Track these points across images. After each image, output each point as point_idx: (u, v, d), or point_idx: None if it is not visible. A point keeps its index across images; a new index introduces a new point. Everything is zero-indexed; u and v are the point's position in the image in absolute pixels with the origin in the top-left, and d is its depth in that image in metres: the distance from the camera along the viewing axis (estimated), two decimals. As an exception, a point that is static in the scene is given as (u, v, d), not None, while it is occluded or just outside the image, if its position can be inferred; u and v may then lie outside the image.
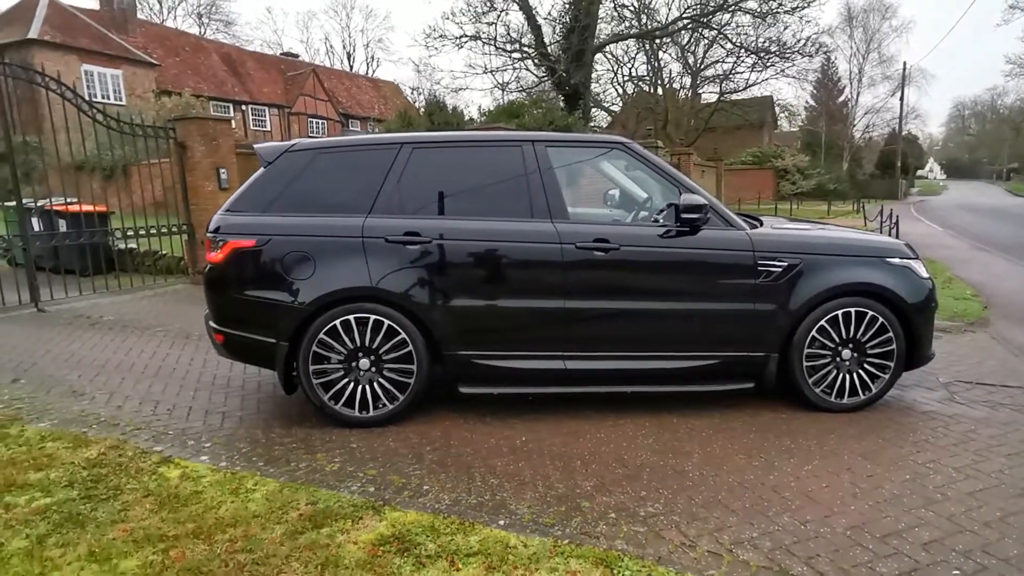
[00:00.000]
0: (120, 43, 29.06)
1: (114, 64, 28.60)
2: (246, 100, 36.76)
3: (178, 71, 33.29)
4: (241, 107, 36.36)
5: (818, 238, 4.01)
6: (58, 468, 3.20)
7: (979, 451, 3.40)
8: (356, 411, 3.79)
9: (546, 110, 12.98)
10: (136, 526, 2.62)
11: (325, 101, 41.27)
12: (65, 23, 27.53)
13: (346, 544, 2.47)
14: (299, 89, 39.63)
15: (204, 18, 50.44)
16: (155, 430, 3.80)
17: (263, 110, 37.92)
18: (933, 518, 2.74)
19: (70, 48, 26.85)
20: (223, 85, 35.85)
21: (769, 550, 2.51)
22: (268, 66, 40.63)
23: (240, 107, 36.26)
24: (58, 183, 12.40)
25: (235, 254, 3.76)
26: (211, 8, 51.23)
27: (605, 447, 3.51)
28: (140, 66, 29.77)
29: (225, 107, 35.02)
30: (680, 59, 30.63)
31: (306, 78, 40.12)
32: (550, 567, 2.33)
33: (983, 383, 4.52)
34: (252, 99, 37.20)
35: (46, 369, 5.14)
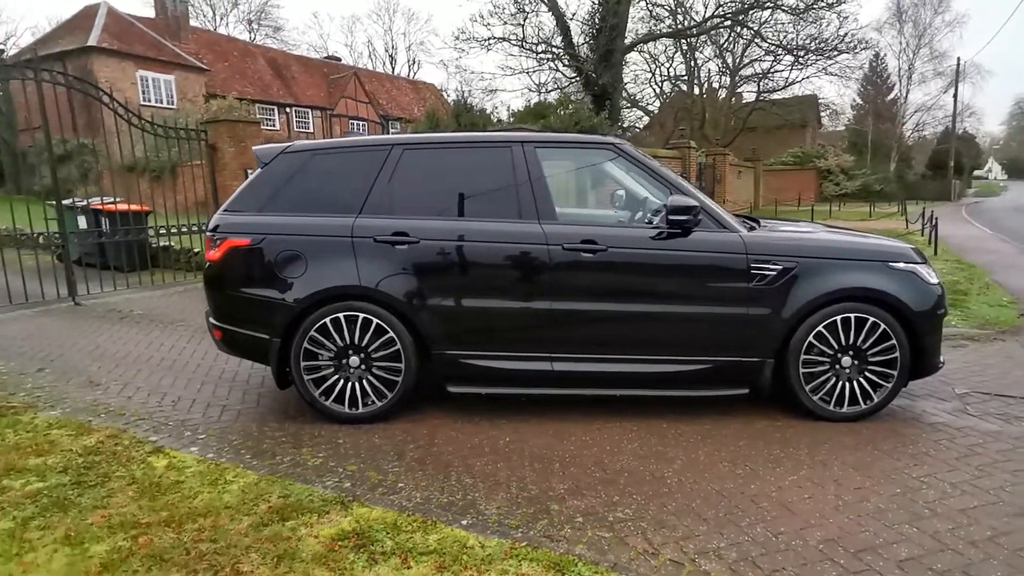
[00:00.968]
0: (173, 49, 30.23)
1: (167, 70, 29.82)
2: (290, 103, 37.73)
3: (227, 75, 34.43)
4: (285, 109, 37.34)
5: (815, 241, 3.88)
6: (57, 454, 3.34)
7: (982, 466, 3.24)
8: (346, 407, 3.84)
9: (573, 111, 12.91)
10: (114, 512, 2.71)
11: (366, 103, 42.02)
12: (123, 31, 28.83)
13: (307, 538, 2.51)
14: (341, 91, 40.49)
15: (254, 24, 52.08)
16: (156, 421, 3.93)
17: (306, 112, 38.84)
18: (915, 535, 2.62)
19: (127, 55, 28.14)
20: (269, 88, 36.90)
21: (733, 561, 2.45)
22: (312, 70, 41.65)
23: (284, 109, 37.24)
24: (111, 184, 12.95)
25: (231, 252, 3.86)
26: (261, 15, 52.90)
27: (587, 450, 3.48)
28: (191, 71, 30.93)
29: (270, 109, 36.04)
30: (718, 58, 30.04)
31: (348, 81, 40.98)
32: (501, 569, 2.32)
33: (1003, 395, 4.31)
34: (296, 102, 38.15)
35: (70, 360, 5.37)
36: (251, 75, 36.68)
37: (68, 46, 27.46)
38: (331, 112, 39.50)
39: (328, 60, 45.87)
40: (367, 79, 43.55)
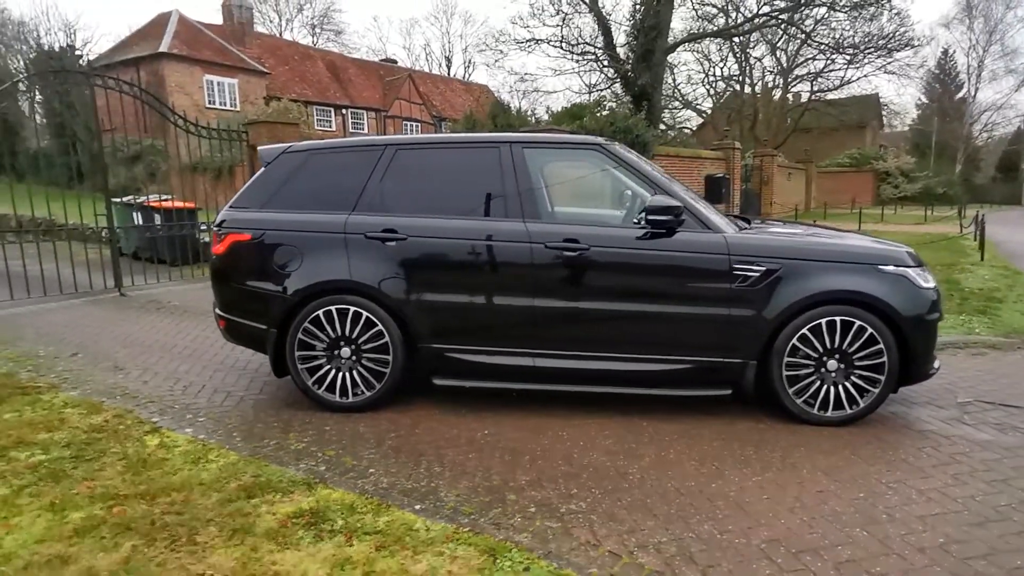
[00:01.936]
0: (237, 54, 31.63)
1: (231, 74, 31.29)
2: (346, 104, 38.82)
3: (287, 79, 35.74)
4: (341, 111, 38.43)
5: (800, 243, 3.84)
6: (64, 431, 3.63)
7: (959, 475, 3.16)
8: (337, 396, 4.02)
9: (609, 112, 12.88)
10: (100, 484, 2.95)
11: (419, 104, 42.83)
12: (192, 37, 30.40)
13: (265, 515, 2.68)
14: (396, 93, 41.41)
15: (317, 28, 53.80)
16: (163, 403, 4.20)
17: (361, 114, 39.87)
18: (864, 538, 2.60)
19: (194, 60, 29.71)
20: (326, 91, 38.08)
21: (671, 555, 2.49)
22: (368, 72, 42.76)
23: (340, 111, 38.33)
24: (179, 182, 13.67)
25: (234, 246, 4.10)
26: (323, 19, 54.64)
27: (560, 444, 3.55)
28: (253, 75, 32.30)
29: (327, 111, 37.20)
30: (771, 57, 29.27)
31: (402, 82, 41.90)
32: (437, 551, 2.43)
33: (1007, 404, 4.14)
34: (352, 103, 39.23)
35: (103, 346, 5.76)
36: (310, 78, 37.94)
37: (142, 52, 29.28)
38: (385, 113, 40.44)
39: (384, 62, 46.94)
40: (421, 81, 44.39)
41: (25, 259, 8.32)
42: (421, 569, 2.30)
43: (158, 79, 29.26)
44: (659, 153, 13.79)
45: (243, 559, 2.34)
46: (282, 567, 2.29)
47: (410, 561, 2.35)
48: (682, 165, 15.00)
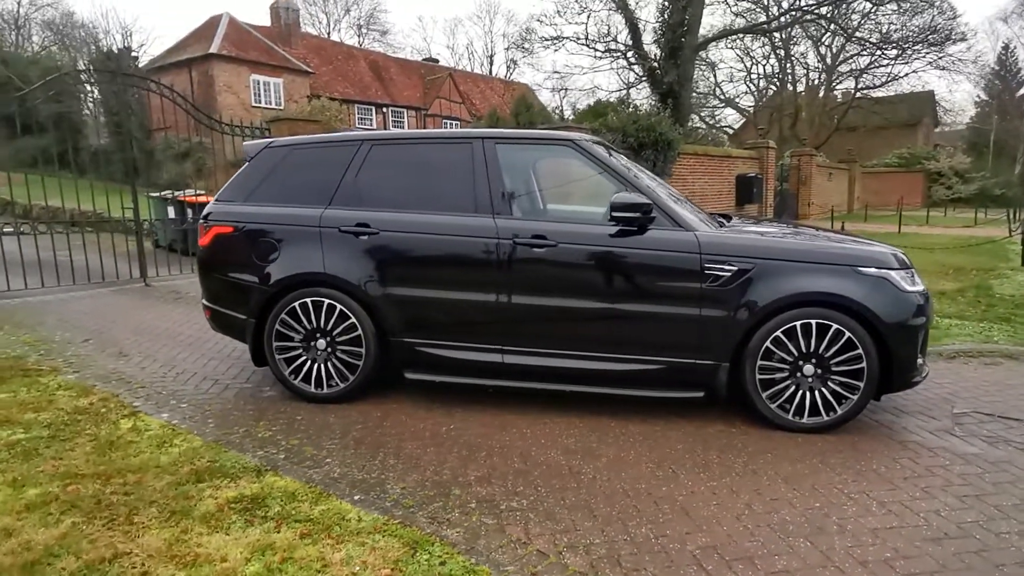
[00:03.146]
0: (283, 55, 32.53)
1: (276, 73, 32.24)
2: (387, 103, 39.42)
3: (330, 78, 36.55)
4: (382, 109, 39.05)
5: (774, 242, 3.71)
6: (50, 412, 3.79)
7: (930, 488, 3.01)
8: (312, 387, 4.09)
9: (632, 110, 12.70)
10: (65, 463, 3.07)
11: (459, 103, 43.19)
12: (241, 39, 31.45)
13: (207, 499, 2.74)
14: (436, 92, 41.89)
15: (363, 29, 54.83)
16: (152, 389, 4.35)
17: (402, 112, 40.46)
18: (805, 549, 2.50)
19: (242, 61, 30.76)
20: (368, 90, 38.78)
21: (599, 557, 2.44)
22: (410, 71, 43.38)
23: (381, 109, 38.96)
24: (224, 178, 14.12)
25: (217, 238, 4.21)
26: (369, 20, 55.68)
27: (522, 442, 3.52)
28: (298, 74, 33.18)
29: (368, 109, 37.86)
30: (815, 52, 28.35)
31: (443, 81, 42.36)
32: (360, 541, 2.44)
33: (1007, 417, 3.92)
34: (393, 102, 39.83)
35: (115, 333, 5.99)
36: (352, 77, 38.70)
37: (194, 53, 30.58)
38: (425, 112, 40.91)
39: (426, 62, 47.51)
40: (462, 80, 44.76)
41: (60, 250, 8.71)
42: (338, 557, 2.32)
43: (208, 79, 30.36)
44: (686, 152, 13.53)
45: (171, 540, 2.40)
46: (205, 550, 2.34)
47: (330, 550, 2.37)
48: (711, 165, 14.69)
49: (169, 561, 2.27)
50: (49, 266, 8.34)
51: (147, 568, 2.23)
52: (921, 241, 13.44)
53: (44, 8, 39.13)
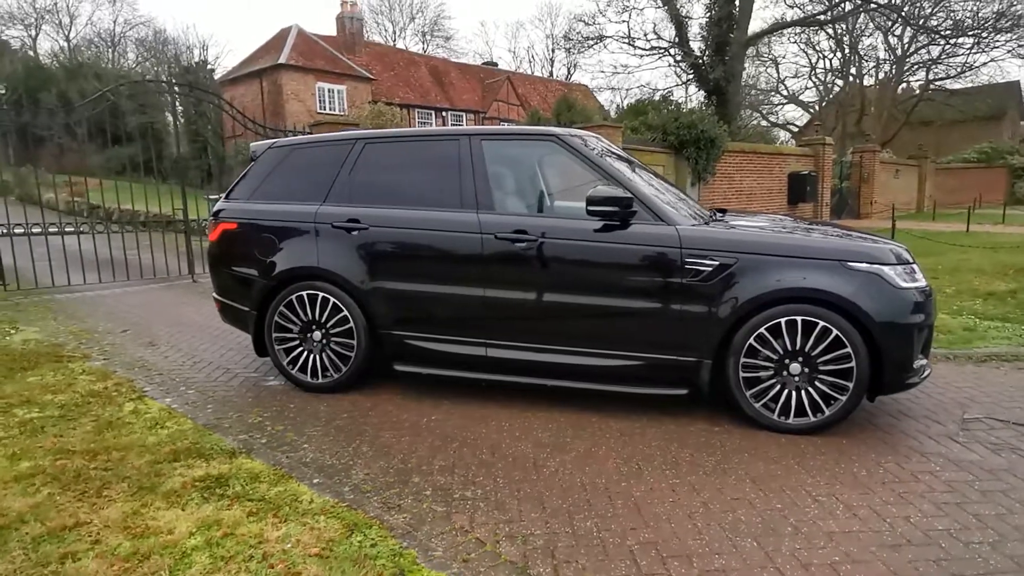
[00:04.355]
0: (346, 62, 33.76)
1: (340, 81, 33.53)
2: (446, 107, 40.21)
3: (391, 84, 37.62)
4: (442, 113, 39.86)
5: (758, 236, 3.59)
6: (67, 394, 4.08)
7: (907, 494, 2.85)
8: (308, 377, 4.24)
9: (675, 107, 12.46)
10: (63, 441, 3.31)
11: (517, 106, 43.50)
12: (308, 49, 32.87)
13: (175, 477, 2.90)
14: (494, 95, 42.38)
15: (427, 35, 56.03)
16: (167, 376, 4.61)
17: (461, 116, 41.15)
18: (750, 549, 2.42)
19: (308, 69, 32.17)
20: (428, 94, 39.68)
21: (534, 548, 2.45)
22: (469, 75, 44.09)
23: (441, 114, 39.77)
24: None
25: (224, 234, 4.43)
26: (433, 27, 56.89)
27: (496, 434, 3.55)
28: (360, 81, 34.36)
29: (427, 114, 38.74)
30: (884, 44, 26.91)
31: (501, 85, 42.84)
32: (302, 521, 2.53)
33: (1022, 424, 3.66)
34: (452, 106, 40.58)
35: (152, 324, 6.38)
36: (413, 82, 39.66)
37: (264, 64, 32.22)
38: (484, 115, 41.41)
39: (486, 66, 48.12)
40: (520, 83, 45.08)
41: (130, 249, 9.32)
42: (276, 535, 2.42)
43: (277, 88, 31.81)
44: (732, 150, 13.18)
45: (129, 513, 2.56)
46: (156, 523, 2.49)
47: (271, 528, 2.47)
48: (761, 162, 14.23)
49: (121, 532, 2.43)
50: (117, 264, 8.96)
51: (100, 537, 2.39)
52: (990, 240, 12.59)
53: (137, 27, 42.01)
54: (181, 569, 2.19)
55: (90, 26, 62.51)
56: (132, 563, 2.23)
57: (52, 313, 6.93)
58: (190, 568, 2.19)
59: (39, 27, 41.06)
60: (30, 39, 40.60)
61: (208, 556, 2.27)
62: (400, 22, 62.36)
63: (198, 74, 35.48)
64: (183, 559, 2.25)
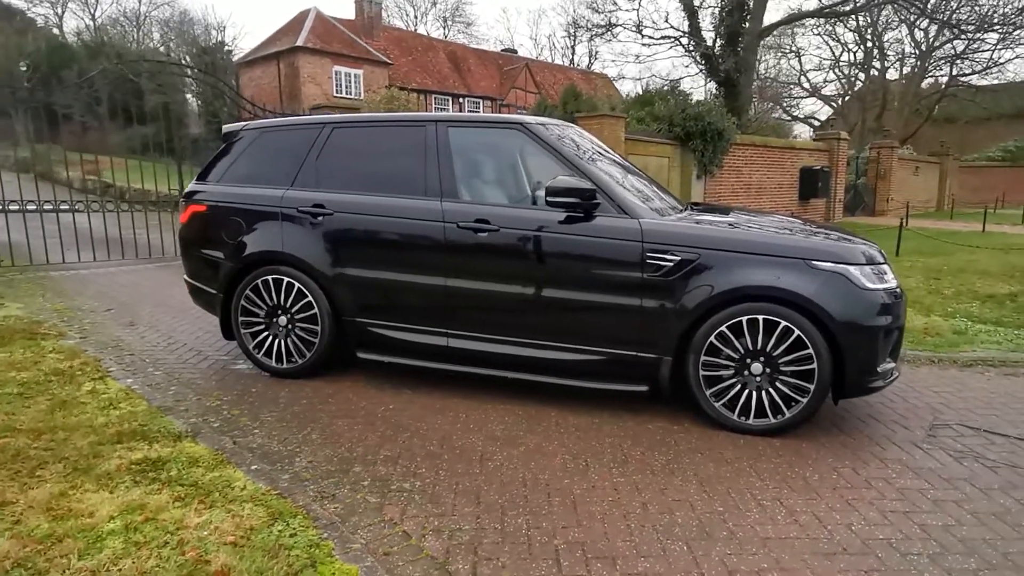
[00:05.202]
0: (364, 46, 33.74)
1: (357, 65, 33.54)
2: (463, 93, 40.10)
3: (408, 69, 37.54)
4: (459, 100, 39.74)
5: (721, 232, 3.49)
6: (31, 371, 4.09)
7: (855, 500, 2.76)
8: (274, 362, 4.23)
9: (682, 98, 12.24)
10: (13, 419, 3.32)
11: (535, 93, 43.20)
12: (326, 32, 32.88)
13: (113, 459, 2.88)
14: (512, 82, 42.17)
15: (448, 21, 55.71)
16: (138, 356, 4.62)
17: (478, 102, 40.99)
18: (678, 553, 2.36)
19: (325, 53, 32.20)
20: (445, 80, 39.59)
21: (458, 543, 2.40)
22: (487, 62, 43.90)
23: (458, 100, 39.66)
24: None
25: (193, 216, 4.41)
26: (455, 12, 56.58)
27: (450, 426, 3.50)
28: (377, 65, 34.35)
29: (444, 100, 38.64)
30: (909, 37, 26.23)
31: (519, 72, 42.61)
32: (228, 508, 2.51)
33: (993, 432, 3.54)
34: (469, 92, 40.45)
35: (136, 304, 6.40)
36: (431, 68, 39.55)
37: (282, 47, 32.26)
38: (501, 102, 41.20)
39: (504, 52, 47.81)
40: (539, 70, 44.77)
41: (126, 229, 9.39)
42: (197, 521, 2.39)
43: (294, 71, 31.86)
44: (741, 143, 12.94)
45: (56, 494, 2.55)
46: (80, 505, 2.47)
47: (194, 514, 2.45)
48: (771, 156, 13.97)
49: (43, 513, 2.42)
50: (116, 243, 9.04)
51: (21, 518, 2.38)
52: (1003, 242, 12.26)
53: (162, 7, 42.25)
54: (91, 553, 2.17)
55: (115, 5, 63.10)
56: (44, 545, 2.22)
57: (42, 290, 6.98)
58: (100, 553, 2.18)
59: (65, 5, 41.42)
60: (56, 17, 41.05)
61: (122, 541, 2.25)
62: (422, 6, 62.20)
63: (215, 55, 35.59)
64: (95, 543, 2.23)
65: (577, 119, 10.34)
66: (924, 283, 7.62)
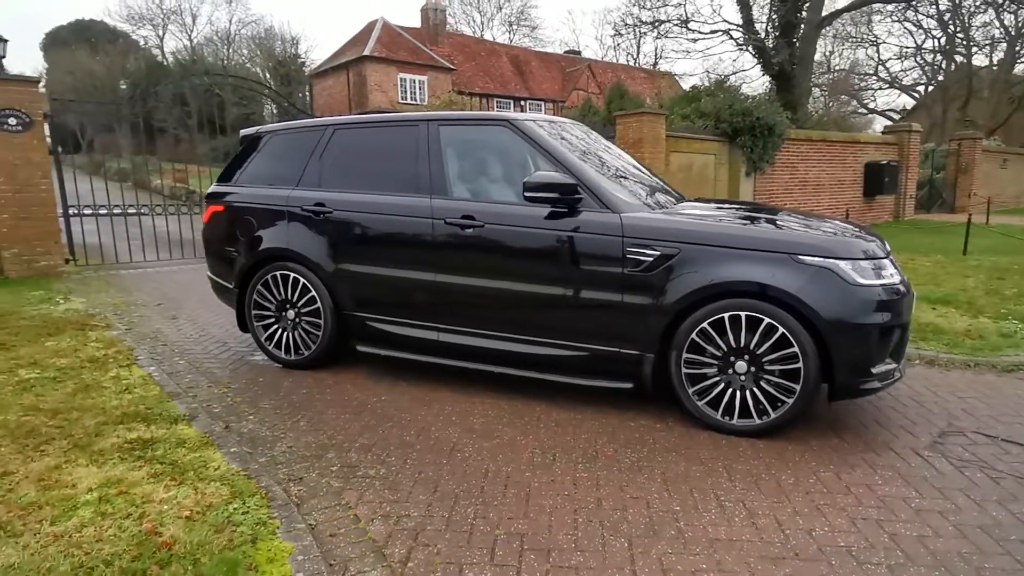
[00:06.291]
0: (428, 53, 34.64)
1: (421, 71, 34.48)
2: (525, 96, 40.36)
3: (472, 74, 38.19)
4: (520, 103, 40.03)
5: (702, 225, 3.38)
6: (70, 358, 4.46)
7: (826, 506, 2.64)
8: (283, 353, 4.43)
9: (730, 93, 11.84)
10: (40, 400, 3.62)
11: (597, 94, 42.89)
12: (392, 41, 33.98)
13: (111, 437, 3.11)
14: (574, 83, 42.08)
15: (514, 25, 56.16)
16: (169, 347, 4.94)
17: (540, 104, 41.12)
18: (616, 549, 2.33)
19: (391, 61, 33.29)
20: (507, 84, 39.98)
21: (403, 529, 2.46)
22: (550, 64, 44.00)
23: (520, 103, 39.95)
24: None
25: (213, 216, 4.68)
26: (520, 16, 57.02)
27: (432, 417, 3.57)
28: (440, 71, 35.18)
29: (506, 103, 39.00)
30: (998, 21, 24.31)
31: (581, 73, 42.47)
32: (195, 486, 2.66)
33: (1011, 441, 3.28)
34: (531, 95, 40.68)
35: (184, 300, 6.83)
36: (493, 72, 40.05)
37: (350, 57, 33.62)
38: (562, 104, 41.17)
39: (567, 54, 47.73)
40: (601, 70, 44.45)
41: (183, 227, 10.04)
42: (163, 496, 2.56)
43: (361, 79, 33.01)
44: (796, 138, 12.41)
45: (51, 467, 2.79)
46: (67, 478, 2.69)
47: (163, 489, 2.62)
48: (831, 151, 13.32)
49: (35, 483, 2.65)
50: (186, 243, 9.72)
51: (15, 487, 2.62)
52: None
53: (250, 24, 44.95)
54: (61, 520, 2.37)
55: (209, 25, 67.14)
56: (27, 511, 2.43)
57: (108, 286, 7.55)
58: (69, 520, 2.37)
59: (165, 27, 44.59)
60: (157, 38, 44.15)
61: (92, 511, 2.43)
62: (488, 12, 62.97)
63: (289, 68, 37.25)
64: (68, 511, 2.43)
65: (616, 118, 10.22)
66: (985, 283, 7.10)
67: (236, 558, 2.15)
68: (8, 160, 7.73)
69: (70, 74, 34.80)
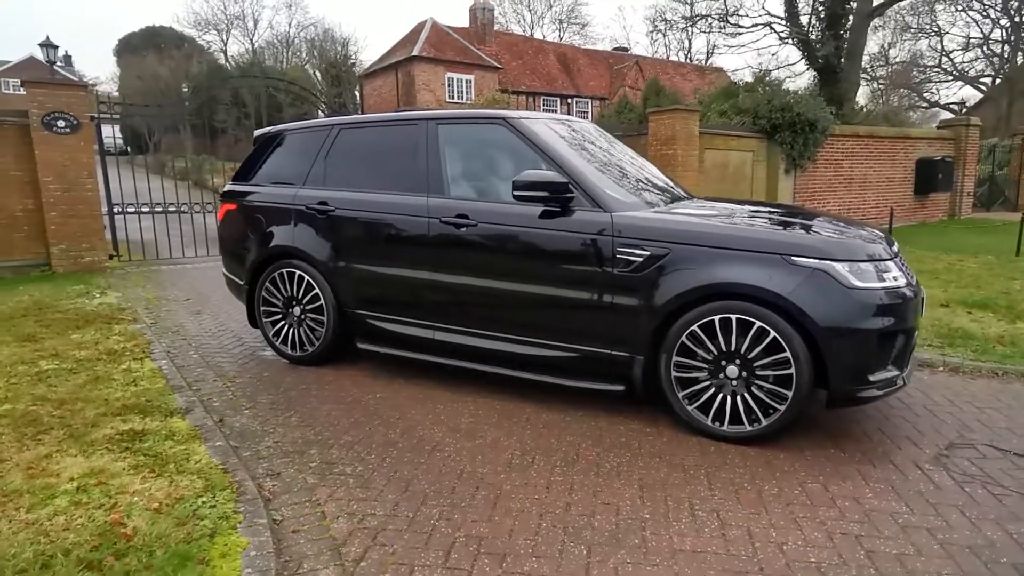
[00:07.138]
0: (476, 53, 34.94)
1: (469, 71, 34.82)
2: (572, 94, 40.21)
3: (518, 72, 38.27)
4: (567, 100, 39.90)
5: (693, 225, 3.26)
6: (90, 350, 4.65)
7: (805, 519, 2.51)
8: (289, 349, 4.52)
9: (770, 88, 11.44)
10: (54, 389, 3.79)
11: (640, 91, 42.32)
12: (440, 41, 34.44)
13: (106, 428, 3.23)
14: (621, 81, 41.60)
15: (563, 24, 55.93)
16: (187, 341, 5.10)
17: (586, 102, 40.88)
18: (574, 557, 2.28)
19: (439, 60, 33.73)
20: (554, 82, 39.90)
21: (364, 527, 2.47)
22: (597, 61, 43.69)
23: (566, 101, 39.84)
24: None
25: (227, 214, 4.81)
26: (570, 14, 56.72)
27: (422, 416, 3.57)
28: (487, 70, 35.44)
29: (553, 101, 38.94)
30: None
31: (628, 70, 41.97)
32: (172, 479, 2.72)
33: (1023, 455, 3.07)
34: (578, 92, 40.49)
35: (211, 295, 7.03)
36: (540, 70, 40.02)
37: (399, 57, 34.24)
38: (609, 102, 40.75)
39: (616, 51, 47.25)
40: (650, 67, 43.80)
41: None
42: (137, 488, 2.63)
43: (410, 79, 33.49)
44: (842, 134, 11.93)
45: (42, 456, 2.91)
46: (53, 467, 2.80)
47: (139, 480, 2.69)
48: (879, 147, 12.74)
49: (23, 471, 2.76)
50: None
51: (4, 473, 2.75)
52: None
53: (308, 28, 46.38)
54: (37, 508, 2.47)
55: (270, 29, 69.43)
56: (8, 498, 2.54)
57: (145, 281, 7.87)
58: (44, 508, 2.46)
59: (229, 31, 46.39)
60: (222, 43, 45.92)
61: (67, 500, 2.52)
62: (538, 11, 62.85)
63: (340, 68, 38.07)
64: (46, 500, 2.53)
65: (648, 115, 10.03)
66: (1033, 287, 6.67)
67: (190, 552, 2.19)
68: (57, 161, 8.14)
69: (139, 78, 36.49)
